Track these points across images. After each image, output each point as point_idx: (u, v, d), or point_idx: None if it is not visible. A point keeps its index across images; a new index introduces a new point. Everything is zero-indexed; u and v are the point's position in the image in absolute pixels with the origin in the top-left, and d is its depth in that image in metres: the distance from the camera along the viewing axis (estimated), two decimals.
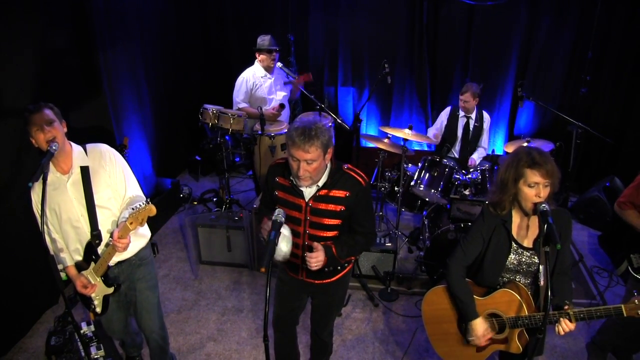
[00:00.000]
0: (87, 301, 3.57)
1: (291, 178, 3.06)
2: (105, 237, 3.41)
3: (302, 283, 3.44)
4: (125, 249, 3.20)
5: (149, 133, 6.83)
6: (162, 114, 7.15)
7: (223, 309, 5.11)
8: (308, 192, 3.09)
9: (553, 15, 7.07)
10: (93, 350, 4.21)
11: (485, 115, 6.41)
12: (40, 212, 3.13)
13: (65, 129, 3.25)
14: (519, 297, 3.00)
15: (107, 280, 3.46)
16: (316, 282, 3.40)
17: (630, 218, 3.85)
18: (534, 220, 2.99)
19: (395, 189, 5.81)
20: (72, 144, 3.33)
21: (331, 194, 3.06)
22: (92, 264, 3.42)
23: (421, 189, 5.58)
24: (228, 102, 6.49)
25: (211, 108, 5.96)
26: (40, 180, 3.09)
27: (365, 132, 8.08)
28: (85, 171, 3.31)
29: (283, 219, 2.86)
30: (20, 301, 4.64)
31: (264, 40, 6.26)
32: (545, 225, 2.72)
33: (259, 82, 6.34)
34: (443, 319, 3.37)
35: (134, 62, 6.40)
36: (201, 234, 5.68)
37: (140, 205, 3.06)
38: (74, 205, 3.30)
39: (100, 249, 3.40)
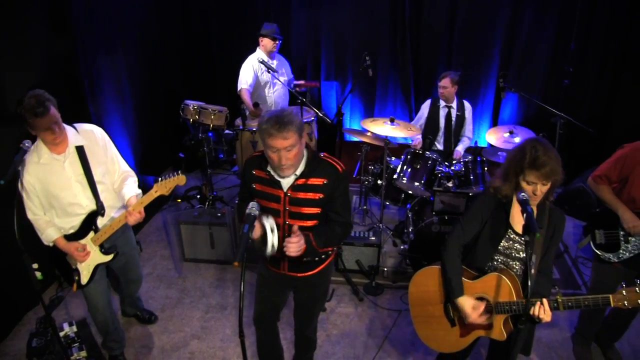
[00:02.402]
0: (70, 274, 3.77)
1: (268, 169, 3.06)
2: (107, 208, 3.71)
3: (284, 277, 3.41)
4: (138, 220, 3.54)
5: (131, 130, 6.75)
6: (145, 111, 7.07)
7: (207, 307, 5.07)
8: (286, 182, 3.08)
9: (536, 6, 7.07)
10: (75, 351, 4.17)
11: (467, 105, 6.40)
12: (28, 189, 3.44)
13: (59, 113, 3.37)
14: (508, 283, 2.99)
15: (105, 249, 3.76)
16: (298, 275, 3.37)
17: (603, 193, 3.88)
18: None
19: (379, 182, 5.78)
20: (65, 125, 3.46)
21: (309, 182, 3.06)
22: (91, 234, 3.68)
23: (404, 181, 5.55)
24: (210, 98, 6.46)
25: (192, 104, 5.92)
26: (36, 158, 3.40)
27: (349, 126, 8.05)
28: (81, 150, 3.53)
29: (257, 212, 2.87)
30: (0, 303, 4.58)
31: (271, 26, 6.41)
32: (525, 214, 2.73)
33: (263, 66, 6.33)
34: (429, 301, 3.36)
35: (115, 58, 6.31)
36: (184, 231, 5.63)
37: (169, 175, 3.43)
38: (71, 183, 3.52)
39: (100, 220, 3.69)
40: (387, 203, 6.10)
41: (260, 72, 6.43)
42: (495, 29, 7.29)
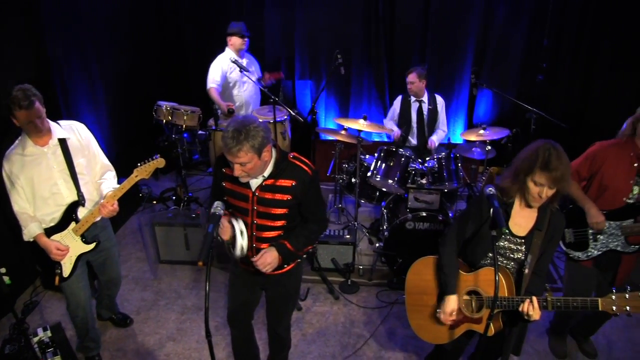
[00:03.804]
0: (51, 269, 3.80)
1: None
2: (87, 200, 3.83)
3: (254, 275, 3.41)
4: (112, 212, 3.72)
5: (105, 132, 6.66)
6: (118, 113, 6.98)
7: (183, 308, 5.05)
8: (255, 182, 3.08)
9: (508, 3, 7.12)
10: (50, 356, 4.14)
11: (438, 98, 6.44)
12: (13, 180, 3.60)
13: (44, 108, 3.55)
14: (502, 278, 3.02)
15: (86, 239, 3.87)
16: (268, 273, 3.36)
17: (572, 188, 3.89)
18: (533, 212, 3.05)
19: (353, 180, 5.79)
20: (49, 121, 3.64)
21: (277, 183, 3.06)
22: (72, 224, 3.78)
23: (378, 179, 5.56)
24: (183, 98, 6.42)
25: (165, 105, 5.88)
26: (20, 150, 3.57)
27: (325, 124, 8.06)
28: (63, 142, 3.68)
29: (222, 211, 2.91)
30: None
31: (238, 25, 6.44)
32: (491, 209, 2.78)
33: (232, 66, 6.34)
34: (425, 290, 3.40)
35: (87, 60, 6.22)
36: (159, 232, 5.59)
37: (148, 160, 3.74)
38: (53, 173, 3.64)
39: (80, 211, 3.80)
40: (362, 201, 6.11)
41: (229, 71, 6.44)
42: (469, 25, 7.33)
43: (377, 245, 5.80)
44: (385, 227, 5.55)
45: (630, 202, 3.73)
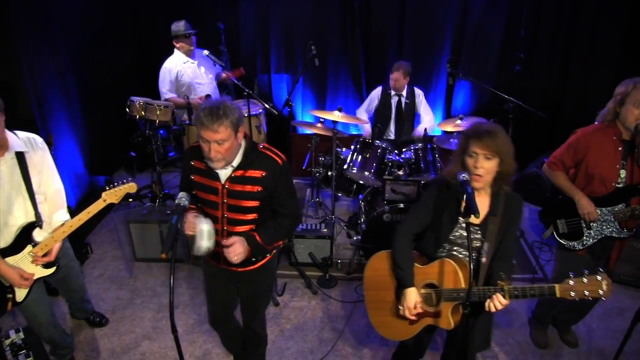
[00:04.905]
0: (2, 292, 3.46)
1: (205, 160, 2.99)
2: (45, 222, 3.53)
3: (226, 272, 3.36)
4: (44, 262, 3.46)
5: (78, 129, 6.56)
6: (93, 109, 6.88)
7: (159, 306, 5.00)
8: (224, 174, 3.03)
9: None
10: (22, 358, 4.05)
11: (417, 91, 6.43)
12: None
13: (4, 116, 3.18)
14: (457, 268, 2.98)
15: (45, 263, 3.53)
16: (239, 270, 3.32)
17: (559, 179, 3.90)
18: (485, 198, 3.02)
19: (329, 173, 5.74)
20: (7, 131, 3.28)
21: (247, 174, 3.01)
22: (29, 248, 3.45)
23: (354, 171, 5.52)
24: (159, 94, 6.34)
25: (138, 100, 5.78)
26: None
27: (302, 117, 8.01)
28: (21, 157, 3.33)
29: (187, 202, 2.87)
30: None
31: (178, 26, 6.17)
32: (464, 195, 2.72)
33: (182, 68, 6.23)
34: (382, 286, 3.35)
35: (59, 56, 6.12)
36: (134, 230, 5.53)
37: (119, 183, 3.45)
38: (4, 189, 3.28)
39: (38, 233, 3.49)
40: (340, 194, 6.08)
41: (180, 75, 6.27)
42: (446, 16, 7.32)
43: (355, 238, 5.77)
44: (362, 220, 5.51)
45: (619, 186, 3.70)
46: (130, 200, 6.74)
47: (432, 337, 3.50)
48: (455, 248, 3.12)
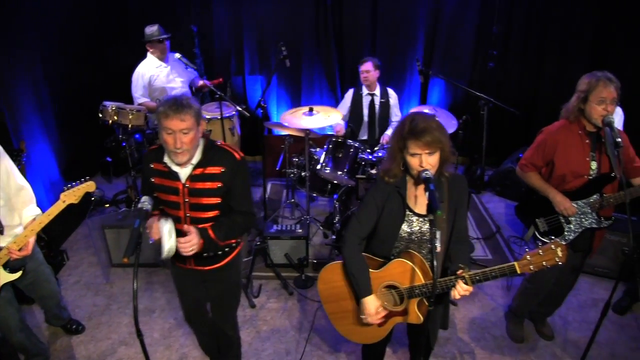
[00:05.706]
0: None
1: (165, 160, 3.04)
2: (5, 226, 3.47)
3: (193, 272, 3.40)
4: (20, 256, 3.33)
5: (52, 135, 6.52)
6: (66, 114, 6.83)
7: None
8: (184, 173, 3.06)
9: None
10: None
11: (391, 92, 6.42)
12: None
13: None
14: (413, 266, 2.97)
15: (10, 267, 3.50)
16: (206, 268, 3.36)
17: (532, 180, 3.93)
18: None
19: (303, 174, 5.75)
20: None
21: (207, 171, 3.06)
22: None
23: (327, 171, 5.52)
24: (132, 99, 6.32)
25: (110, 105, 5.76)
26: None
27: (277, 118, 8.01)
28: None
29: (149, 206, 2.89)
30: None
31: (152, 30, 6.11)
32: (427, 193, 2.72)
33: (155, 73, 6.20)
34: (340, 297, 3.33)
35: (31, 60, 6.10)
36: (109, 235, 5.48)
37: (77, 183, 3.28)
38: None
39: (1, 239, 3.44)
40: (315, 195, 6.10)
41: (153, 79, 6.24)
42: (419, 13, 7.38)
43: (330, 238, 5.79)
44: (337, 220, 5.53)
45: (592, 178, 3.73)
46: (107, 205, 6.78)
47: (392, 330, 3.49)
48: (406, 244, 3.08)
